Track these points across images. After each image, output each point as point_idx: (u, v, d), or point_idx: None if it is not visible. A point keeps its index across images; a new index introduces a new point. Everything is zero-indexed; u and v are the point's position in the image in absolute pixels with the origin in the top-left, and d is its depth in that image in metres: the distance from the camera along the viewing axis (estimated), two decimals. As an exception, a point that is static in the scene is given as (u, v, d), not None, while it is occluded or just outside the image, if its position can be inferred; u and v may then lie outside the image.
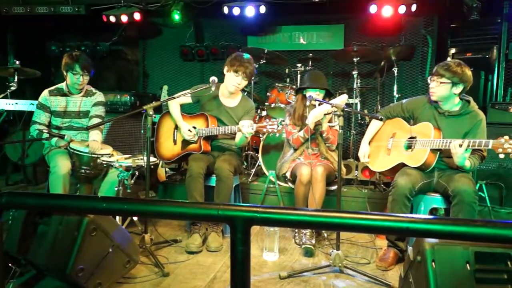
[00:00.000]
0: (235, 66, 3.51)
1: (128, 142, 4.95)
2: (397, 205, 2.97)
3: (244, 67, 3.50)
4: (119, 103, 5.27)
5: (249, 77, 3.57)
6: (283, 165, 3.69)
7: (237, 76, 3.53)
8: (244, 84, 3.60)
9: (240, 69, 3.50)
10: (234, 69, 3.52)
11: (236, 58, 3.56)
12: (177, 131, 3.78)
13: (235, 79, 3.54)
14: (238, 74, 3.52)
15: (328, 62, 5.97)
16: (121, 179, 3.18)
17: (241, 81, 3.55)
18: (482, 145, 2.79)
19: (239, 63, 3.51)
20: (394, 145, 3.29)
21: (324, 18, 5.89)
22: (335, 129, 3.55)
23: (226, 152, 3.68)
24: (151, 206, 1.45)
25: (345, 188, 4.30)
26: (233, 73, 3.54)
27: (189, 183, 3.35)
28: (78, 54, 3.65)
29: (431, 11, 5.50)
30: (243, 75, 3.52)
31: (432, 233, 1.21)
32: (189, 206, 1.45)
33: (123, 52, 6.58)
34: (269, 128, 3.21)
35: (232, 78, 3.55)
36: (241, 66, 3.50)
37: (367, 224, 1.21)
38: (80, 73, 3.57)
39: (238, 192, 3.93)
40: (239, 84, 3.55)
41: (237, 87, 3.57)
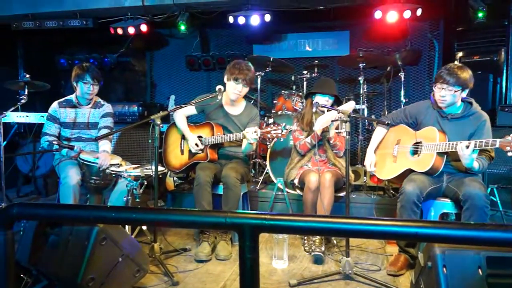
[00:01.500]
0: (235, 74, 3.52)
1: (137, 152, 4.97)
2: (406, 211, 2.94)
3: (243, 74, 3.51)
4: (127, 114, 5.31)
5: (249, 84, 3.58)
6: (291, 172, 3.68)
7: (237, 84, 3.55)
8: (245, 91, 3.61)
9: (239, 77, 3.51)
10: (234, 77, 3.53)
11: (234, 66, 3.57)
12: (184, 141, 3.79)
13: (236, 87, 3.55)
14: (238, 82, 3.53)
15: (334, 69, 5.97)
16: (130, 188, 3.18)
17: (242, 88, 3.56)
18: (489, 144, 2.76)
19: (238, 70, 3.52)
20: (399, 152, 3.27)
21: (329, 25, 5.90)
22: (342, 136, 3.54)
23: (233, 160, 3.68)
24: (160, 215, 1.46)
25: (354, 195, 4.28)
26: (233, 81, 3.55)
27: (197, 191, 3.35)
28: (88, 65, 3.71)
29: (437, 15, 5.49)
30: (243, 82, 3.53)
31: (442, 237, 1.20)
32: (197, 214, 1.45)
33: (131, 63, 6.63)
34: (274, 133, 3.21)
35: (233, 86, 3.56)
36: (241, 73, 3.51)
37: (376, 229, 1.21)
38: (91, 82, 3.61)
39: (246, 200, 3.92)
40: (240, 91, 3.56)
41: (238, 94, 3.58)
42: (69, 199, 3.23)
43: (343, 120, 2.91)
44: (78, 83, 3.64)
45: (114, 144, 4.90)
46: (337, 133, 3.54)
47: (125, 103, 5.42)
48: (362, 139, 4.95)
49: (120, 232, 2.51)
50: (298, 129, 3.69)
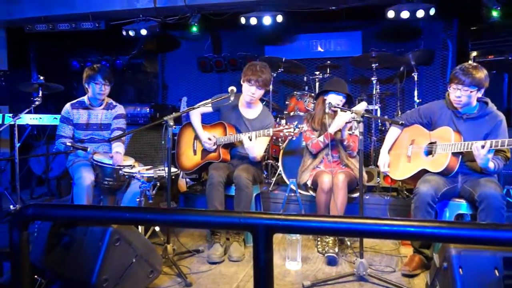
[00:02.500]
0: (248, 75, 3.52)
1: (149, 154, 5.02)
2: (420, 212, 2.92)
3: (256, 76, 3.50)
4: (140, 115, 5.35)
5: (263, 86, 3.56)
6: (304, 175, 3.68)
7: (251, 86, 3.54)
8: (260, 93, 3.60)
9: (252, 78, 3.50)
10: (247, 78, 3.53)
11: (249, 67, 3.56)
12: (197, 141, 3.81)
13: (249, 89, 3.55)
14: (251, 83, 3.53)
15: (346, 69, 5.96)
16: (143, 190, 3.21)
17: (256, 90, 3.55)
18: (505, 144, 2.73)
19: (251, 72, 3.52)
20: (414, 152, 3.25)
21: (341, 25, 5.89)
22: (355, 135, 3.53)
23: (245, 161, 3.68)
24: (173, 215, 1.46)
25: (367, 196, 4.26)
26: (247, 83, 3.55)
27: (209, 191, 3.37)
28: (98, 66, 3.76)
29: (451, 14, 5.45)
30: (256, 84, 3.51)
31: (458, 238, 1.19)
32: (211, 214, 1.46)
33: (143, 65, 6.69)
34: (286, 132, 3.22)
35: (247, 88, 3.56)
36: (254, 75, 3.50)
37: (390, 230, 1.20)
38: (102, 82, 3.66)
39: (259, 201, 3.92)
40: (254, 93, 3.56)
41: (252, 96, 3.57)
42: (82, 200, 3.27)
43: (356, 120, 2.91)
44: (89, 84, 3.68)
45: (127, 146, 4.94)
46: (350, 133, 3.53)
47: (137, 105, 5.46)
48: (375, 139, 4.93)
49: (133, 233, 2.53)
50: (309, 128, 3.68)
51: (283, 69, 5.17)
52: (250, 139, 3.40)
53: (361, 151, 2.92)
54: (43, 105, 4.54)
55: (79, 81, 4.12)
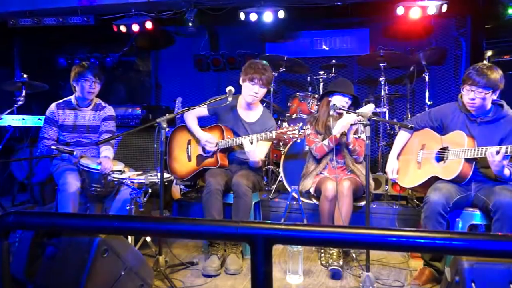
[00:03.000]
0: (250, 74, 3.53)
1: (140, 158, 5.01)
2: (431, 222, 2.91)
3: (259, 73, 3.51)
4: (130, 117, 5.35)
5: (266, 84, 3.58)
6: (306, 182, 3.68)
7: (253, 85, 3.55)
8: (262, 92, 3.61)
9: (255, 76, 3.51)
10: (249, 77, 3.54)
11: (250, 66, 3.58)
12: (191, 145, 3.80)
13: (252, 88, 3.56)
14: (254, 82, 3.54)
15: (352, 69, 5.96)
16: (133, 197, 3.20)
17: (259, 89, 3.56)
18: (522, 150, 2.73)
19: (253, 70, 3.53)
20: (424, 158, 3.25)
21: (347, 22, 5.90)
22: (362, 139, 3.53)
23: (244, 167, 3.68)
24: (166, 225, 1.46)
25: (374, 204, 4.25)
26: (249, 82, 3.55)
27: (206, 200, 3.36)
28: (88, 63, 3.77)
29: (464, 11, 5.46)
30: (259, 82, 3.53)
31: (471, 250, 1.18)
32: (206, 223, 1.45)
33: (134, 63, 6.69)
34: (290, 134, 3.22)
35: (248, 87, 3.57)
36: (256, 73, 3.51)
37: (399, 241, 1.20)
38: (93, 79, 3.65)
39: (258, 210, 3.92)
40: (257, 93, 3.57)
41: (255, 96, 3.58)
42: (68, 207, 3.25)
43: (362, 123, 2.91)
44: (78, 81, 3.67)
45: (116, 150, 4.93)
46: (356, 137, 3.53)
47: (128, 106, 5.46)
48: (383, 144, 4.92)
49: (122, 243, 2.52)
50: (312, 132, 3.68)
51: (285, 68, 5.18)
52: (251, 142, 3.40)
53: (367, 156, 2.92)
54: (27, 105, 4.52)
55: (66, 79, 4.12)
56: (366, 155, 2.93)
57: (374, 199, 4.39)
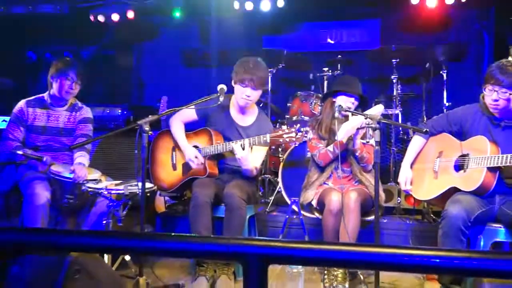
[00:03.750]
0: (240, 75, 3.50)
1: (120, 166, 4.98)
2: (449, 240, 2.92)
3: (250, 74, 3.47)
4: (109, 119, 5.33)
5: (259, 86, 3.54)
6: (308, 193, 3.67)
7: (245, 88, 3.52)
8: (256, 95, 3.59)
9: (246, 77, 3.48)
10: (239, 78, 3.50)
11: (240, 65, 3.55)
12: (176, 152, 3.79)
13: (243, 91, 3.53)
14: (245, 84, 3.50)
15: (361, 65, 5.98)
16: (110, 210, 3.19)
17: (251, 92, 3.53)
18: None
19: (244, 70, 3.49)
20: (441, 167, 3.24)
21: (356, 12, 5.93)
22: (371, 145, 3.52)
23: (237, 176, 3.67)
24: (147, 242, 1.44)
25: (385, 219, 4.26)
26: (239, 84, 3.52)
27: (193, 214, 3.35)
28: (72, 59, 3.80)
29: (486, 1, 5.49)
30: (251, 84, 3.49)
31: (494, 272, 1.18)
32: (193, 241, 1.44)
33: (114, 57, 6.69)
34: (286, 137, 3.20)
35: (240, 90, 3.54)
36: (247, 73, 3.48)
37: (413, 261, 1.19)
38: (75, 79, 3.65)
39: (253, 225, 3.91)
40: (249, 96, 3.55)
41: (247, 100, 3.56)
42: (35, 222, 3.23)
43: (371, 127, 2.90)
44: (57, 78, 3.65)
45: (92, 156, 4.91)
46: (364, 143, 3.52)
47: (107, 106, 5.44)
48: (395, 151, 4.92)
49: (97, 263, 2.50)
50: (315, 136, 3.68)
51: (284, 64, 5.18)
52: (242, 147, 3.38)
53: (377, 164, 2.91)
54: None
55: (35, 76, 4.11)
56: (375, 163, 2.92)
57: (384, 213, 4.39)
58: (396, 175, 4.44)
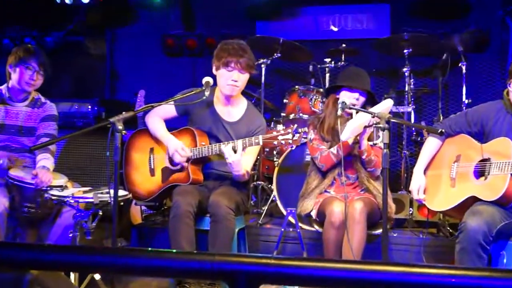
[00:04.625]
0: (224, 57, 3.52)
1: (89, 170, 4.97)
2: (468, 256, 2.92)
3: (236, 56, 3.50)
4: (77, 115, 5.31)
5: (247, 68, 3.56)
6: (306, 203, 3.66)
7: (230, 71, 3.54)
8: (244, 80, 3.60)
9: (231, 59, 3.50)
10: (224, 62, 3.52)
11: (222, 48, 3.58)
12: (155, 155, 3.77)
13: (229, 75, 3.54)
14: (232, 67, 3.52)
15: (368, 56, 5.98)
16: (78, 221, 3.17)
17: (238, 76, 3.55)
18: None
19: (228, 52, 3.52)
20: (459, 173, 3.25)
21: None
22: (379, 147, 3.52)
23: (225, 183, 3.67)
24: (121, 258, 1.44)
25: (395, 233, 4.26)
26: (224, 68, 3.54)
27: (173, 226, 3.34)
28: (35, 47, 3.78)
29: (512, -17, 5.52)
30: (237, 66, 3.51)
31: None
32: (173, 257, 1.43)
33: (84, 44, 6.66)
34: (281, 139, 3.20)
35: (225, 75, 3.55)
36: (232, 55, 3.50)
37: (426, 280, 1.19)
38: (37, 68, 3.64)
39: (243, 239, 3.91)
40: (236, 80, 3.55)
41: (234, 85, 3.56)
42: (-10, 234, 3.22)
43: (379, 127, 2.90)
44: (17, 67, 3.64)
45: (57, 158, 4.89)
46: (371, 145, 3.52)
47: (75, 101, 5.42)
48: (407, 154, 4.92)
49: (62, 282, 2.49)
50: (316, 137, 3.68)
51: (280, 54, 5.17)
52: (235, 150, 3.37)
53: (386, 170, 2.91)
54: None
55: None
56: (384, 169, 2.92)
57: (394, 226, 4.38)
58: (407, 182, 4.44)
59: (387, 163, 2.91)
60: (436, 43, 5.12)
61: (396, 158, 4.99)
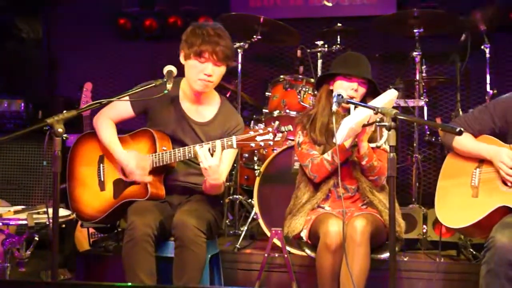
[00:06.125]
0: (196, 45, 3.48)
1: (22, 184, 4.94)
2: (497, 280, 2.93)
3: (212, 44, 3.46)
4: (7, 115, 5.29)
5: (224, 60, 3.53)
6: (295, 222, 3.65)
7: (203, 63, 3.51)
8: (219, 74, 3.57)
9: (205, 49, 3.46)
10: (195, 51, 3.48)
11: (194, 33, 3.52)
12: (105, 164, 3.75)
13: (201, 68, 3.50)
14: (206, 57, 3.49)
15: (370, 38, 6.01)
16: (8, 248, 3.15)
17: (213, 69, 3.51)
18: None
19: (201, 39, 3.47)
20: (483, 180, 3.27)
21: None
22: (383, 149, 3.51)
23: (192, 198, 3.66)
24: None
25: (405, 257, 4.28)
26: (195, 58, 3.50)
27: (129, 253, 3.33)
28: None
29: None
30: (212, 57, 3.47)
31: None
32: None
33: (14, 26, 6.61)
34: (260, 141, 3.18)
35: (195, 67, 3.52)
36: (206, 42, 3.45)
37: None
38: None
39: (217, 267, 3.91)
40: (210, 75, 3.52)
41: (207, 81, 3.53)
42: None
43: (384, 126, 2.89)
44: None
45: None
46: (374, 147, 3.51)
47: (4, 97, 5.40)
48: (419, 158, 4.94)
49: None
50: (306, 140, 3.68)
51: (261, 36, 5.17)
52: (211, 151, 3.32)
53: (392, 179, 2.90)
54: None
55: None
56: (390, 177, 2.91)
57: (404, 249, 4.40)
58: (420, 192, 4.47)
59: (395, 170, 2.88)
60: (453, 20, 5.14)
61: (406, 164, 5.01)
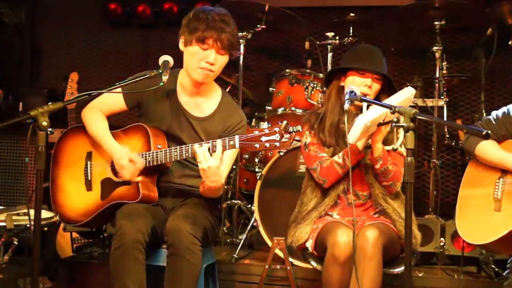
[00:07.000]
0: (199, 30, 3.47)
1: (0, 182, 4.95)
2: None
3: (217, 30, 3.45)
4: (-16, 108, 5.31)
5: (228, 48, 3.53)
6: (300, 230, 3.65)
7: (205, 50, 3.51)
8: (221, 63, 3.57)
9: (209, 35, 3.45)
10: (198, 37, 3.46)
11: (197, 17, 3.50)
12: (93, 162, 3.76)
13: (204, 55, 3.50)
14: (209, 44, 3.49)
15: (385, 30, 6.01)
16: (-15, 253, 3.16)
17: (216, 57, 3.51)
18: None
19: (204, 24, 3.45)
20: (508, 192, 3.26)
21: None
22: (399, 153, 3.51)
23: (188, 201, 3.67)
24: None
25: (421, 272, 4.28)
26: (197, 44, 3.49)
27: (117, 260, 3.32)
28: None
29: None
30: (216, 44, 3.47)
31: None
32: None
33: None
34: (266, 141, 3.17)
35: (197, 55, 3.51)
36: (210, 28, 3.44)
37: None
38: None
39: (212, 279, 3.91)
40: (212, 64, 3.52)
41: (208, 70, 3.53)
42: None
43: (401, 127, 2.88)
44: None
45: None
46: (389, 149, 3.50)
47: (-18, 88, 5.42)
48: (437, 164, 4.94)
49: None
50: (314, 141, 3.67)
51: (265, 26, 5.18)
52: (210, 151, 3.31)
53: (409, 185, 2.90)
54: None
55: None
56: (407, 183, 2.90)
57: (420, 263, 4.41)
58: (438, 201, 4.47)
59: (412, 176, 2.87)
60: (478, 12, 5.14)
61: (422, 170, 5.00)
